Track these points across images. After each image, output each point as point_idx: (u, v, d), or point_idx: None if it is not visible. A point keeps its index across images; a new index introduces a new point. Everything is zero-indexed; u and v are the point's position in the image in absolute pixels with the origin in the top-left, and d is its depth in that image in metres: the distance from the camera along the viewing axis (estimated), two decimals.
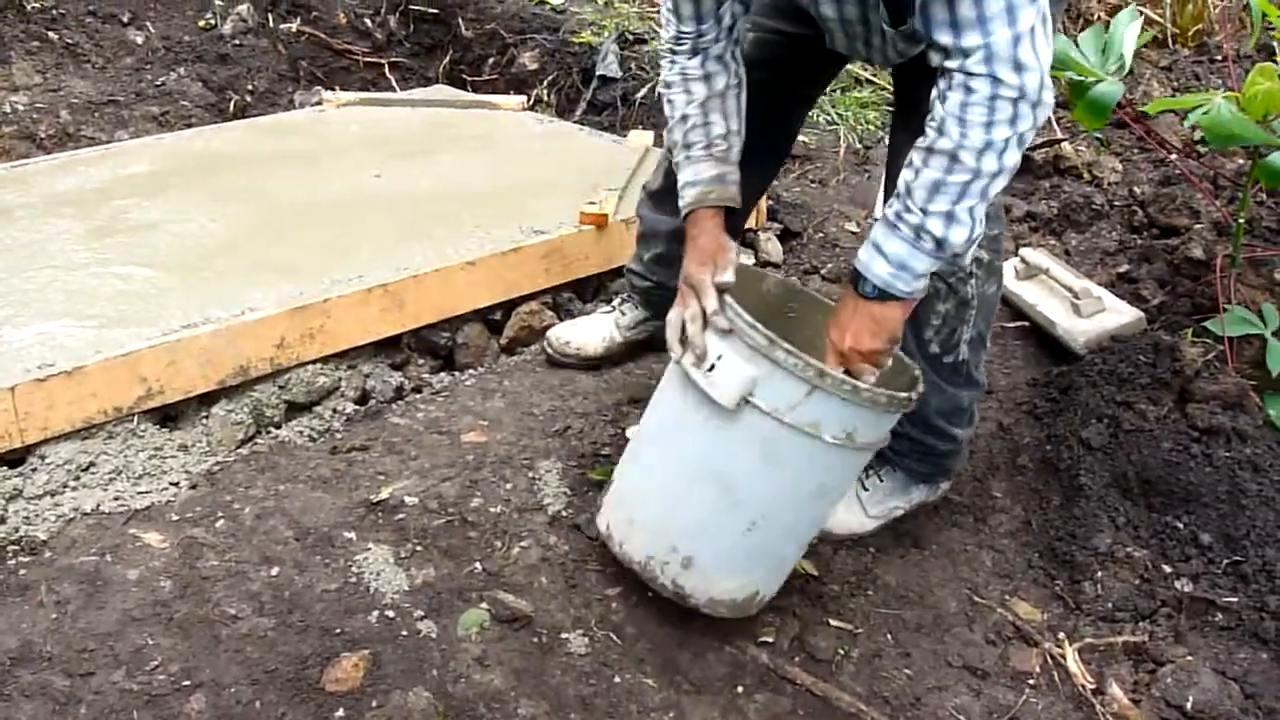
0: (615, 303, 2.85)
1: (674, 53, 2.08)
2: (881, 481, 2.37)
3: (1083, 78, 2.62)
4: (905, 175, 1.79)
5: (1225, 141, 2.69)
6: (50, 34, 4.61)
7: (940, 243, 1.78)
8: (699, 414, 1.90)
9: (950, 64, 1.71)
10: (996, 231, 2.17)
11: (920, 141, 1.77)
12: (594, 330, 2.79)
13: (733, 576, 2.01)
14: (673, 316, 1.98)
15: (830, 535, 2.33)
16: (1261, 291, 2.87)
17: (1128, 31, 2.65)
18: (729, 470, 1.92)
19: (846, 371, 1.89)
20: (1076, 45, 2.69)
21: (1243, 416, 2.42)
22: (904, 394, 1.90)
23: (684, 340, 1.94)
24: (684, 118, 2.09)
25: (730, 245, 2.04)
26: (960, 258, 1.85)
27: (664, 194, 2.49)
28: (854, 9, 1.90)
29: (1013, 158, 1.73)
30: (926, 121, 1.77)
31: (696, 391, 1.89)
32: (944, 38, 1.69)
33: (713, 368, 1.87)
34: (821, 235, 3.46)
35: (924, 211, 1.76)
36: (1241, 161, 3.57)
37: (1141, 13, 4.78)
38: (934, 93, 1.76)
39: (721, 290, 1.93)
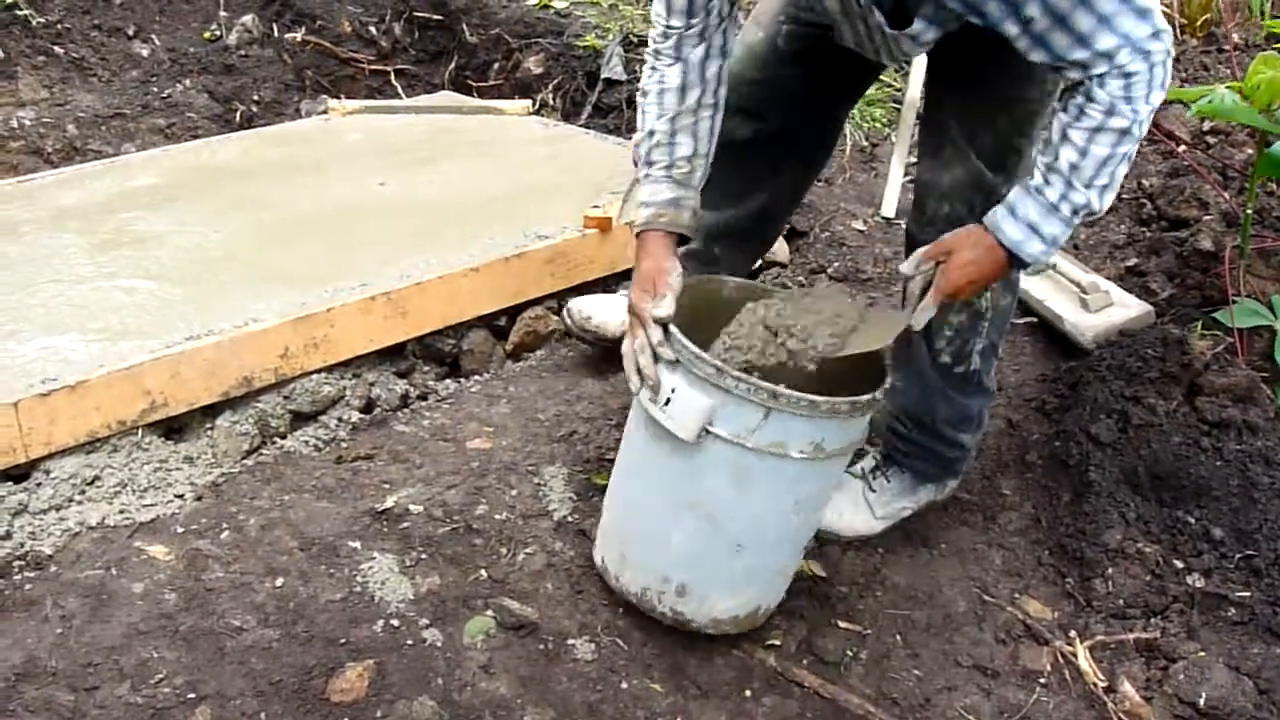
0: None
1: (657, 56, 2.03)
2: (889, 483, 2.35)
3: None
4: (1067, 155, 1.75)
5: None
6: (56, 48, 4.63)
7: (1094, 212, 1.80)
8: (664, 447, 1.88)
9: (1099, 69, 1.67)
10: None
11: (1077, 122, 1.72)
12: (616, 311, 2.71)
13: (730, 597, 2.01)
14: (626, 348, 1.94)
15: (839, 537, 2.32)
16: (1271, 282, 2.85)
17: None
18: (703, 499, 1.91)
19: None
20: None
21: (1253, 409, 2.39)
22: (865, 397, 1.85)
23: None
24: (651, 133, 2.05)
25: (671, 269, 1.97)
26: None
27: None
28: (854, 5, 1.85)
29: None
30: (1075, 102, 1.73)
31: (659, 426, 1.87)
32: (1078, 54, 1.66)
33: (668, 401, 1.84)
34: (828, 234, 3.44)
35: (1088, 187, 1.76)
36: (1250, 152, 3.54)
37: None
38: (1081, 80, 1.71)
39: (661, 322, 1.89)
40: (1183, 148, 3.51)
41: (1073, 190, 1.77)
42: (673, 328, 1.86)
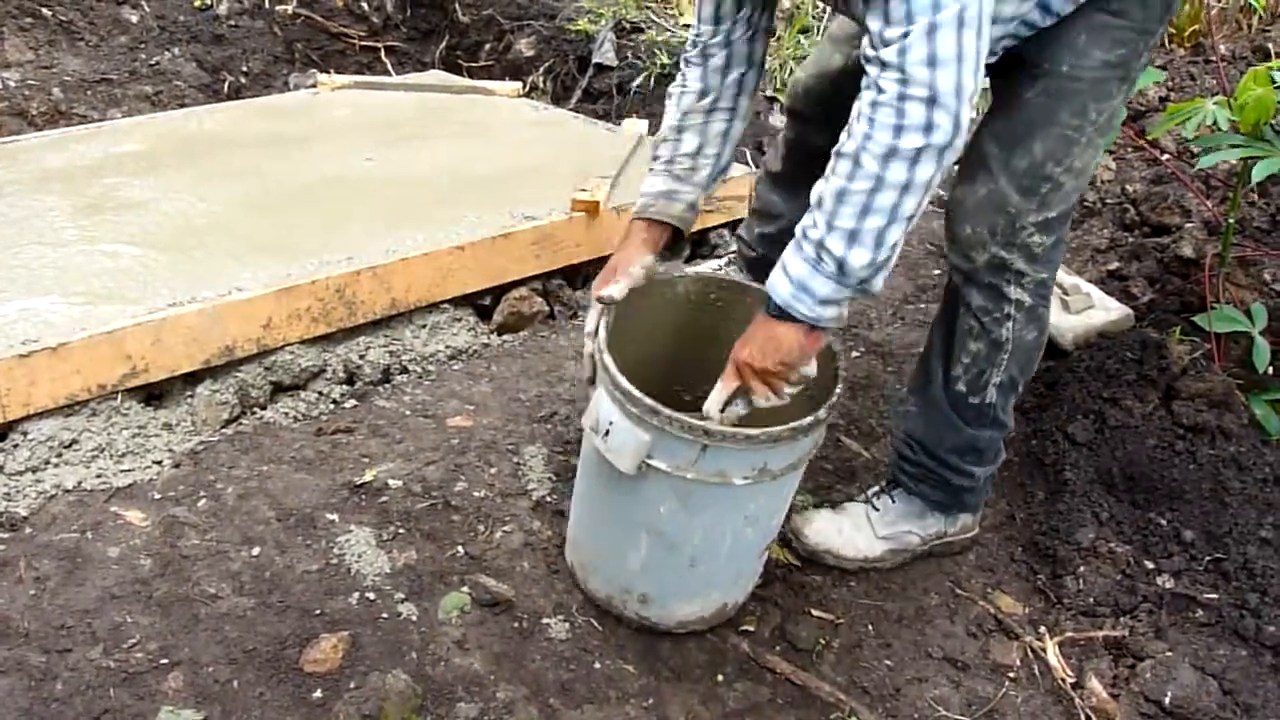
0: (723, 262, 2.87)
1: (686, 63, 2.08)
2: (894, 503, 2.28)
3: None
4: (818, 185, 1.68)
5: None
6: (44, 10, 4.58)
7: (840, 265, 1.65)
8: (612, 472, 1.85)
9: (869, 52, 1.60)
10: (1045, 276, 2.02)
11: (835, 146, 1.68)
12: None
13: (692, 601, 2.02)
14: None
15: (842, 560, 2.26)
16: (1250, 291, 2.88)
17: None
18: (653, 523, 1.90)
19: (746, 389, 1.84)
20: None
21: (1228, 415, 2.42)
22: (806, 420, 1.79)
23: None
24: (663, 128, 2.10)
25: (637, 259, 2.01)
26: (867, 285, 1.69)
27: (781, 176, 2.49)
28: None
29: (925, 172, 1.59)
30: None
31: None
32: (874, 23, 1.59)
33: (608, 433, 1.82)
34: None
35: (828, 226, 1.65)
36: (1233, 162, 3.56)
37: None
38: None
39: (604, 303, 1.93)
40: (1166, 156, 3.54)
41: (814, 227, 1.68)
42: (609, 361, 1.82)
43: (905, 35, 1.54)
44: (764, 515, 1.97)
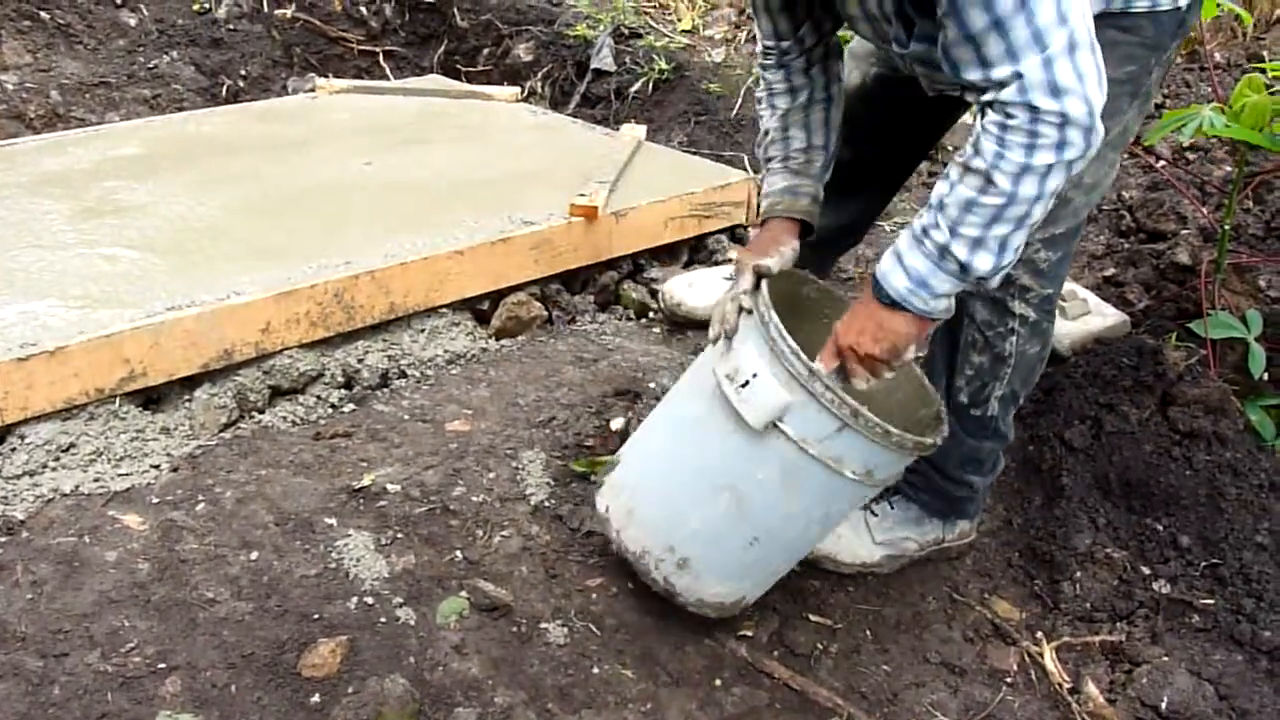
0: (725, 271, 2.90)
1: (762, 67, 2.11)
2: (892, 509, 2.30)
3: None
4: (940, 187, 1.69)
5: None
6: (42, 13, 4.58)
7: (964, 267, 1.69)
8: (724, 425, 1.86)
9: (985, 98, 1.62)
10: (1050, 291, 2.02)
11: (959, 155, 1.67)
12: (710, 295, 2.74)
13: (724, 583, 2.01)
14: (720, 299, 1.94)
15: (840, 565, 2.27)
16: (1245, 298, 2.89)
17: None
18: (743, 486, 1.90)
19: (841, 370, 1.86)
20: None
21: (1224, 421, 2.43)
22: (930, 439, 1.86)
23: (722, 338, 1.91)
24: (767, 131, 2.13)
25: (786, 242, 2.03)
26: (987, 282, 1.73)
27: None
28: (875, 6, 1.83)
29: (1055, 183, 1.62)
30: (969, 137, 1.68)
31: (725, 403, 1.85)
32: (973, 75, 1.60)
33: (747, 384, 1.82)
34: None
35: (952, 231, 1.67)
36: (1228, 169, 3.58)
37: None
38: (975, 110, 1.68)
39: (759, 274, 1.90)
40: (1162, 163, 3.55)
41: (936, 229, 1.69)
42: (775, 317, 1.81)
43: (1019, 75, 1.55)
44: (833, 519, 1.99)
